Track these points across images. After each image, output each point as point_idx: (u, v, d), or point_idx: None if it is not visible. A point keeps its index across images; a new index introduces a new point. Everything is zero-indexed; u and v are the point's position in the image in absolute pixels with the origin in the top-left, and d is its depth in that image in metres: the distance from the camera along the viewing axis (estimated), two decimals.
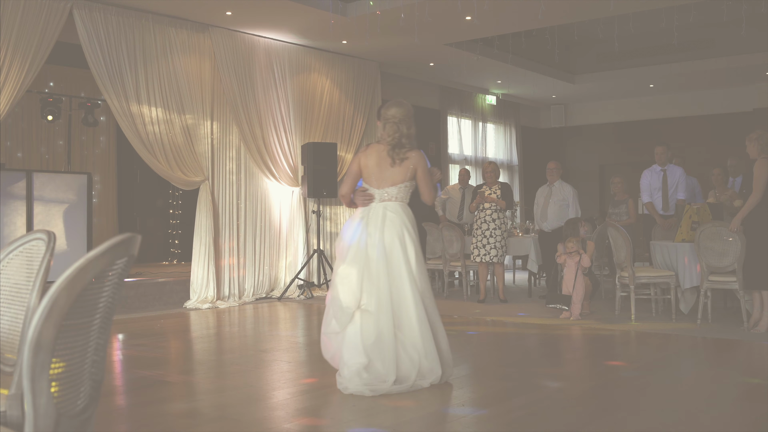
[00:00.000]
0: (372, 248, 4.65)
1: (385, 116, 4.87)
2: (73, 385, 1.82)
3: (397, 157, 4.77)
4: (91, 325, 1.88)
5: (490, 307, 8.89)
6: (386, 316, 4.52)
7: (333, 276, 4.82)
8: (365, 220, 4.75)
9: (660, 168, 9.04)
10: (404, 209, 4.81)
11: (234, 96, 9.60)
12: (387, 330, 4.51)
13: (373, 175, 4.82)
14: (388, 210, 4.75)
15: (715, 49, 12.44)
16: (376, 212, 4.75)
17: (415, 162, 4.79)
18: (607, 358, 5.82)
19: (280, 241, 10.28)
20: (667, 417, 3.98)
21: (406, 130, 4.80)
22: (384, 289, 4.56)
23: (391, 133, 4.80)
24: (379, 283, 4.58)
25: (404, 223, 4.73)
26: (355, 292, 4.61)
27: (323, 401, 4.40)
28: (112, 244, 1.75)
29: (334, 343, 4.69)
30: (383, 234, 4.67)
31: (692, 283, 7.41)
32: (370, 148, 4.93)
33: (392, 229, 4.68)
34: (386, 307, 4.53)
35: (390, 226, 4.69)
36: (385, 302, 4.54)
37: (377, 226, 4.69)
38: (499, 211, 9.06)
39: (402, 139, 4.79)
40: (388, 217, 4.72)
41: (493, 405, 4.27)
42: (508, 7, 8.91)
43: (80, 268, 1.66)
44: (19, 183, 8.42)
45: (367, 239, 4.68)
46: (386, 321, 4.52)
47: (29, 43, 7.71)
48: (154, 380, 5.06)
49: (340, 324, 4.61)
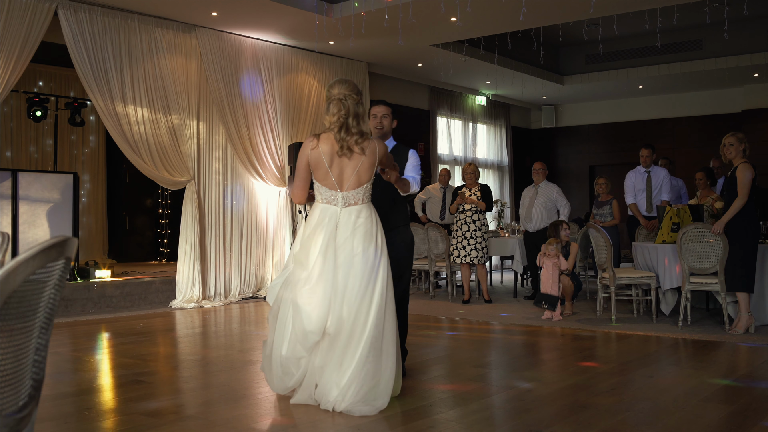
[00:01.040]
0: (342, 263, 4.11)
1: (328, 96, 4.23)
2: (12, 384, 1.85)
3: (352, 146, 4.13)
4: (31, 326, 1.91)
5: (474, 307, 8.93)
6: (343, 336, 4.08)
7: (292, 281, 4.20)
8: (330, 228, 4.15)
9: (644, 169, 9.08)
10: (373, 212, 4.28)
11: (220, 96, 9.63)
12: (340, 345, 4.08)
13: (333, 174, 4.18)
14: (360, 217, 4.19)
15: (703, 51, 12.49)
16: (345, 219, 4.17)
17: (379, 157, 4.25)
18: (583, 359, 5.85)
19: (266, 240, 10.32)
20: (632, 417, 4.02)
21: (353, 108, 4.15)
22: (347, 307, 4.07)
23: (335, 112, 4.13)
24: (343, 300, 4.07)
25: (376, 231, 4.21)
26: (321, 315, 4.06)
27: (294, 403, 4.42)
28: (44, 247, 1.78)
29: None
30: (353, 245, 4.12)
31: (672, 284, 7.45)
32: (320, 138, 4.20)
33: (365, 238, 4.14)
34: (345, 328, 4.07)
35: (362, 236, 4.14)
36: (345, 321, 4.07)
37: (347, 237, 4.13)
38: (479, 212, 9.09)
39: (348, 119, 4.12)
40: (359, 224, 4.17)
41: (459, 406, 4.30)
42: (490, 9, 8.94)
43: (9, 271, 1.69)
44: (4, 182, 8.45)
45: (336, 250, 4.12)
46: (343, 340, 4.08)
47: (13, 43, 7.74)
48: (127, 380, 5.09)
49: (305, 349, 4.12)
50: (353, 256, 4.10)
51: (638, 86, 14.21)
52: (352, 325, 4.05)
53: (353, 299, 4.07)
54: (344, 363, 4.05)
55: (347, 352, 4.05)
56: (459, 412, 4.16)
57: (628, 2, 8.77)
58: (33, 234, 8.56)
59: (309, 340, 4.08)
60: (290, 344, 4.14)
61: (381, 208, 4.52)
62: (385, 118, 4.94)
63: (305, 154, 4.21)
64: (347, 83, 4.24)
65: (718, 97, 14.44)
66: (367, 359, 4.04)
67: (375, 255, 4.15)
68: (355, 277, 4.08)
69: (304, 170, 4.26)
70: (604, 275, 7.74)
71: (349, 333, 4.06)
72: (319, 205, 4.26)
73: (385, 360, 4.13)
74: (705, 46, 12.44)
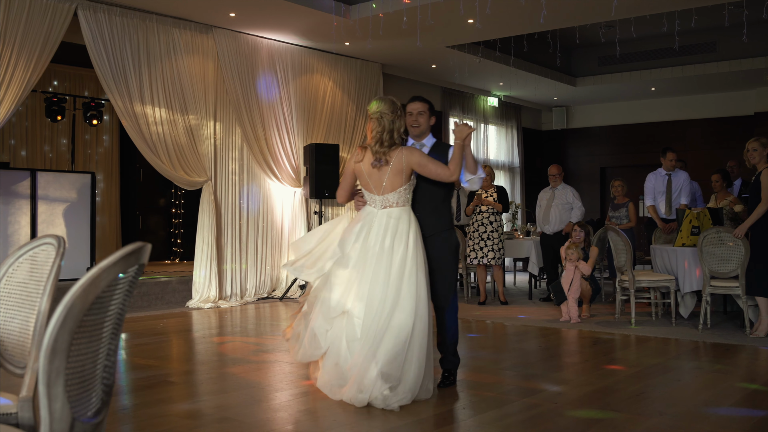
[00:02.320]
0: (372, 257, 4.43)
1: (369, 113, 4.69)
2: (86, 389, 1.86)
3: (383, 157, 4.56)
4: (103, 331, 1.92)
5: (490, 309, 8.93)
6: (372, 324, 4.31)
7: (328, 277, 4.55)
8: (367, 228, 4.55)
9: (665, 172, 9.08)
10: (409, 214, 4.59)
11: (237, 97, 9.64)
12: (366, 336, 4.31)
13: (371, 181, 4.64)
14: (392, 217, 4.54)
15: (716, 53, 12.48)
16: (380, 220, 4.55)
17: (405, 161, 4.56)
18: (607, 362, 5.86)
19: (281, 241, 10.33)
20: (665, 422, 4.03)
21: (388, 125, 4.59)
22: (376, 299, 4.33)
23: (373, 128, 4.62)
24: (373, 292, 4.35)
25: (409, 232, 4.50)
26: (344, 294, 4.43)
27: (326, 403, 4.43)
28: (125, 253, 1.79)
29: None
30: (384, 242, 4.45)
31: (692, 288, 7.45)
32: (364, 152, 4.71)
33: (397, 238, 4.46)
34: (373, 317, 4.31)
35: (393, 235, 4.47)
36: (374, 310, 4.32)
37: (379, 235, 4.48)
38: (495, 213, 9.10)
39: (383, 135, 4.57)
40: (391, 224, 4.51)
41: (491, 409, 4.31)
42: (511, 11, 8.95)
43: (93, 277, 1.71)
44: (23, 182, 8.47)
45: (369, 244, 4.47)
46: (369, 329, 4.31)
47: (34, 43, 7.76)
48: (157, 380, 5.10)
49: (327, 321, 4.44)
50: (383, 252, 4.43)
51: (651, 88, 14.20)
52: (376, 317, 4.30)
53: (378, 291, 4.35)
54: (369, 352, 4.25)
55: (373, 342, 4.26)
56: (493, 415, 4.17)
57: (649, 4, 8.77)
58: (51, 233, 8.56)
59: (331, 314, 4.43)
60: (318, 318, 4.49)
61: (423, 213, 4.75)
62: (421, 116, 4.91)
63: (351, 164, 4.78)
64: (385, 102, 4.65)
65: (730, 100, 14.42)
66: (392, 352, 4.23)
67: (405, 254, 4.43)
68: (385, 270, 4.38)
69: (349, 177, 4.82)
70: (623, 278, 7.75)
71: (374, 324, 4.29)
72: (365, 206, 4.73)
73: (410, 357, 4.28)
74: (719, 49, 12.43)
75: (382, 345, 4.24)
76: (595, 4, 8.79)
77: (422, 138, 4.94)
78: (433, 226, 4.79)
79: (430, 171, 4.62)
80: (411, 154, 4.61)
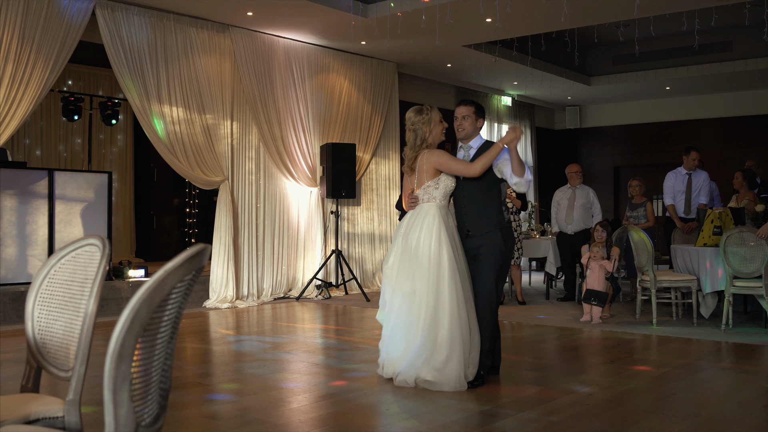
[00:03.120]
0: (408, 248, 4.89)
1: (406, 123, 5.12)
2: (146, 394, 1.84)
3: (412, 161, 5.03)
4: (163, 334, 1.90)
5: (508, 309, 8.89)
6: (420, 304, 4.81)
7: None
8: (409, 220, 5.01)
9: (686, 171, 9.03)
10: (438, 210, 4.92)
11: (253, 96, 9.62)
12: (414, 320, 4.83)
13: (410, 184, 5.13)
14: (420, 212, 4.97)
15: (732, 52, 12.40)
16: (417, 213, 4.99)
17: (426, 160, 4.95)
18: (634, 362, 5.81)
19: (298, 241, 10.31)
20: (699, 425, 3.98)
21: (421, 135, 5.00)
22: (420, 282, 4.81)
23: (408, 137, 5.09)
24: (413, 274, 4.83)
25: (439, 228, 4.84)
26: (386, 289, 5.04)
27: (349, 406, 4.41)
28: (189, 255, 1.76)
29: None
30: (417, 234, 4.89)
31: (714, 288, 7.40)
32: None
33: (427, 231, 4.86)
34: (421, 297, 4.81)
35: (420, 227, 4.89)
36: (421, 292, 4.81)
37: (415, 225, 4.93)
38: (513, 213, 9.05)
39: (416, 141, 5.00)
40: (418, 219, 4.95)
41: (524, 410, 4.28)
42: (531, 10, 8.90)
43: (160, 280, 1.68)
44: (40, 182, 8.46)
45: (406, 235, 4.94)
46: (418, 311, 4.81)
47: (53, 43, 7.75)
48: (177, 382, 5.08)
49: (380, 312, 5.08)
50: (415, 243, 4.86)
51: (665, 87, 14.13)
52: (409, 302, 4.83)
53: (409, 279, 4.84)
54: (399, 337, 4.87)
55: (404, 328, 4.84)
56: (528, 416, 4.14)
57: (670, 3, 8.71)
58: (69, 233, 8.57)
59: (382, 305, 5.09)
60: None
61: (469, 213, 5.04)
62: (466, 120, 5.07)
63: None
64: (420, 113, 5.01)
65: (745, 99, 14.33)
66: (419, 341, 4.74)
67: (436, 248, 4.78)
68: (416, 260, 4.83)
69: (404, 182, 5.27)
70: (644, 278, 7.70)
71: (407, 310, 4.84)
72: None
73: (439, 347, 4.70)
74: (735, 48, 12.36)
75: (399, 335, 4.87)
76: (617, 2, 8.73)
77: (469, 140, 5.13)
78: (480, 226, 4.99)
79: (450, 168, 4.93)
80: (431, 154, 4.96)
